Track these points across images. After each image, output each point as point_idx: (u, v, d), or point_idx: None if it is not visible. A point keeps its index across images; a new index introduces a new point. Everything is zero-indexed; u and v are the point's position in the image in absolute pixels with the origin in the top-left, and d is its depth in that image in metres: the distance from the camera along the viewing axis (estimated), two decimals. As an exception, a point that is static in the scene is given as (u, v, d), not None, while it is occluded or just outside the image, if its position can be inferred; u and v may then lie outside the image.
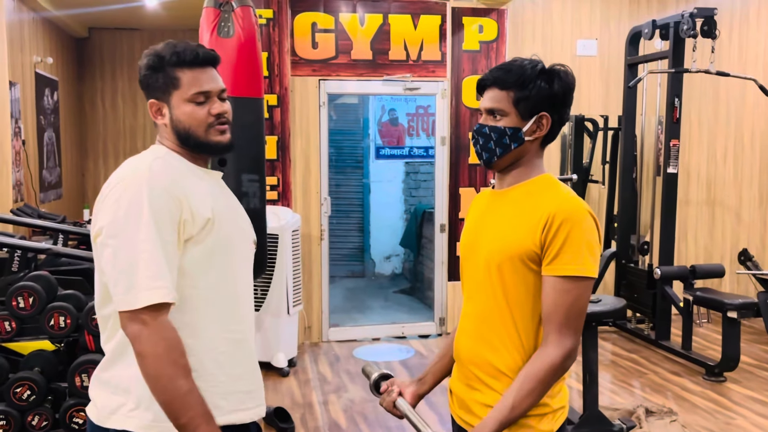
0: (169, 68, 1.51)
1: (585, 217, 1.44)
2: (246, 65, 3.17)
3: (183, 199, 1.44)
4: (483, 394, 1.52)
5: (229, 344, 1.53)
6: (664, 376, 4.42)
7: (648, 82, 5.24)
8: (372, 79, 5.11)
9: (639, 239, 5.29)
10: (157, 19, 6.30)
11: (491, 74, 1.52)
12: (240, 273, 1.58)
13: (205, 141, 1.53)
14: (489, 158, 1.53)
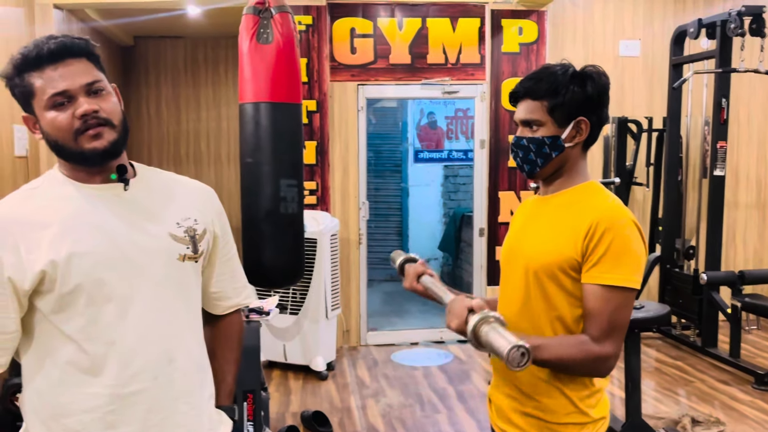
0: (21, 75, 1.29)
1: (629, 226, 1.40)
2: (285, 71, 3.19)
3: (5, 254, 1.23)
4: (520, 403, 1.50)
5: (119, 400, 1.28)
6: (711, 385, 4.29)
7: (694, 83, 5.11)
8: (410, 83, 5.11)
9: (684, 243, 5.16)
10: (199, 27, 6.42)
11: (522, 85, 1.50)
12: (131, 314, 1.29)
13: (77, 150, 1.28)
14: (531, 170, 1.51)
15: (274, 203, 3.17)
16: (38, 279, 1.23)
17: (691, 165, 5.37)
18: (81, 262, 1.25)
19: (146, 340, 1.31)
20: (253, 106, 3.17)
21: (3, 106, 4.06)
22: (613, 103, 5.40)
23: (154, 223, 1.35)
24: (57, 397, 1.27)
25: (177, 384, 1.35)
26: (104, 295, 1.27)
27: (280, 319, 4.56)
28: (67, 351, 1.26)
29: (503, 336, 1.20)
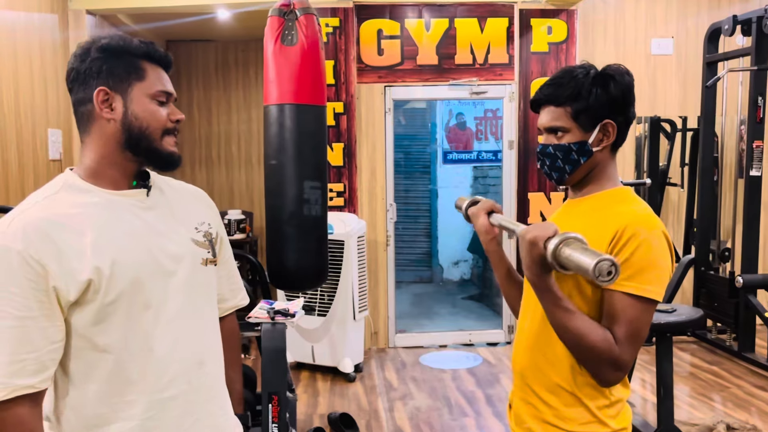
0: (133, 57, 1.30)
1: (657, 236, 1.36)
2: (309, 73, 3.19)
3: (49, 263, 1.19)
4: (537, 410, 1.47)
5: (156, 405, 1.30)
6: (747, 391, 4.18)
7: (729, 81, 4.99)
8: (438, 84, 5.09)
9: (719, 245, 5.04)
10: (229, 30, 6.49)
11: (543, 92, 1.46)
12: (164, 319, 1.30)
13: (158, 147, 1.31)
14: (560, 177, 1.48)
15: (297, 205, 3.17)
16: (84, 288, 1.21)
17: (726, 165, 5.25)
18: (123, 270, 1.24)
19: (180, 346, 1.32)
20: (277, 107, 3.18)
21: (38, 111, 4.15)
22: (645, 102, 5.34)
23: (176, 229, 1.36)
24: (94, 410, 1.26)
25: (207, 386, 1.38)
26: (142, 303, 1.27)
27: (308, 321, 4.57)
28: (104, 364, 1.25)
29: (590, 251, 1.19)
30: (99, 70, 1.27)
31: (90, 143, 1.30)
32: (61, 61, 4.55)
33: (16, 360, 1.17)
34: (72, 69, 1.30)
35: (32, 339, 1.18)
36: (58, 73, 4.49)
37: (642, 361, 4.64)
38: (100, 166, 1.29)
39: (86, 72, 1.28)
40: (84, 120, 1.30)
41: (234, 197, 6.92)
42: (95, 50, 1.28)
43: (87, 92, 1.28)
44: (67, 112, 4.64)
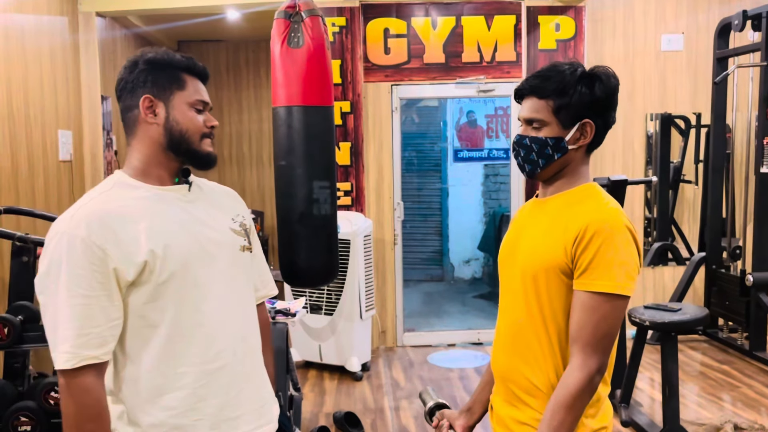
0: (175, 69, 1.47)
1: (620, 230, 1.35)
2: (316, 74, 3.21)
3: (108, 247, 1.33)
4: (520, 411, 1.47)
5: (206, 375, 1.44)
6: (758, 390, 4.13)
7: (739, 77, 4.93)
8: (445, 82, 5.08)
9: (730, 243, 4.98)
10: (239, 30, 6.52)
11: (528, 83, 1.45)
12: (212, 297, 1.45)
13: (197, 149, 1.48)
14: (532, 170, 1.47)
15: (307, 205, 3.20)
16: (140, 269, 1.35)
17: (737, 162, 5.19)
18: (174, 253, 1.38)
19: (225, 321, 1.47)
20: (285, 109, 3.21)
21: (49, 113, 4.21)
22: (655, 99, 5.30)
23: (216, 219, 1.52)
24: (150, 382, 1.40)
25: (249, 360, 1.53)
26: (191, 283, 1.41)
27: (315, 320, 4.59)
28: (158, 339, 1.39)
29: None
30: (145, 80, 1.44)
31: (136, 145, 1.46)
32: (71, 63, 4.61)
33: (82, 334, 1.31)
34: (121, 79, 1.47)
35: (95, 316, 1.32)
36: (68, 75, 4.55)
37: (651, 360, 4.60)
38: (146, 165, 1.45)
39: (134, 82, 1.45)
40: (131, 124, 1.46)
41: (245, 197, 6.96)
42: (142, 63, 1.45)
43: (134, 100, 1.44)
44: (76, 114, 4.69)
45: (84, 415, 1.32)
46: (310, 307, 4.60)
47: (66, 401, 1.32)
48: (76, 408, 1.32)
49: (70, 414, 1.32)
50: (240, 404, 1.49)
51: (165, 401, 1.40)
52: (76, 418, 1.32)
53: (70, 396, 1.32)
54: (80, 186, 4.68)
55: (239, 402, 1.49)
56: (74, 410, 1.32)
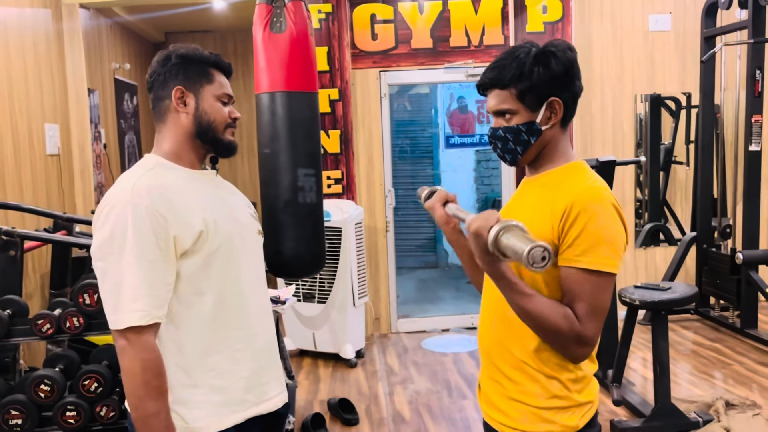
0: (204, 65, 1.59)
1: (606, 207, 1.35)
2: (299, 60, 3.18)
3: (169, 216, 1.45)
4: (504, 387, 1.47)
5: (243, 341, 1.58)
6: (749, 367, 4.16)
7: (727, 55, 4.92)
8: (433, 67, 5.06)
9: (721, 222, 5.00)
10: (226, 20, 6.48)
11: (487, 75, 1.45)
12: (244, 270, 1.60)
13: (221, 138, 1.60)
14: (513, 159, 1.48)
15: (292, 193, 3.17)
16: (197, 237, 1.47)
17: (727, 141, 5.19)
18: (221, 226, 1.53)
19: (255, 292, 1.63)
20: (268, 96, 3.18)
21: (34, 106, 4.18)
22: (644, 79, 5.29)
23: (239, 204, 1.67)
24: (195, 345, 1.52)
25: (271, 330, 1.68)
26: (232, 255, 1.55)
27: (308, 308, 4.60)
28: (204, 306, 1.51)
29: (526, 238, 1.18)
30: (177, 73, 1.57)
31: (165, 132, 1.59)
32: (56, 56, 4.58)
33: (152, 294, 1.43)
34: (154, 71, 1.60)
35: (158, 279, 1.44)
36: (53, 68, 4.52)
37: (643, 339, 4.62)
38: (179, 150, 1.58)
39: (166, 74, 1.57)
40: (161, 113, 1.59)
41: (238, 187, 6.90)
42: (175, 57, 1.58)
43: (166, 91, 1.57)
44: (63, 107, 4.66)
45: (151, 371, 1.42)
46: (303, 295, 4.60)
47: (131, 358, 1.41)
48: (143, 364, 1.41)
49: (137, 371, 1.41)
50: (269, 370, 1.64)
51: (207, 363, 1.52)
52: (144, 375, 1.41)
53: (137, 353, 1.41)
54: (69, 180, 4.66)
55: (268, 368, 1.64)
56: (141, 367, 1.40)
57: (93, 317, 2.67)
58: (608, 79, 5.26)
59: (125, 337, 1.41)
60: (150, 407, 1.42)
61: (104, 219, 1.45)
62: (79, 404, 2.58)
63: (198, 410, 1.52)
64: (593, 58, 5.23)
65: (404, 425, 3.57)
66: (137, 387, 1.41)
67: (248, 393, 1.58)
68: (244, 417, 1.57)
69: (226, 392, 1.54)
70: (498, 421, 1.49)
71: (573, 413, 1.42)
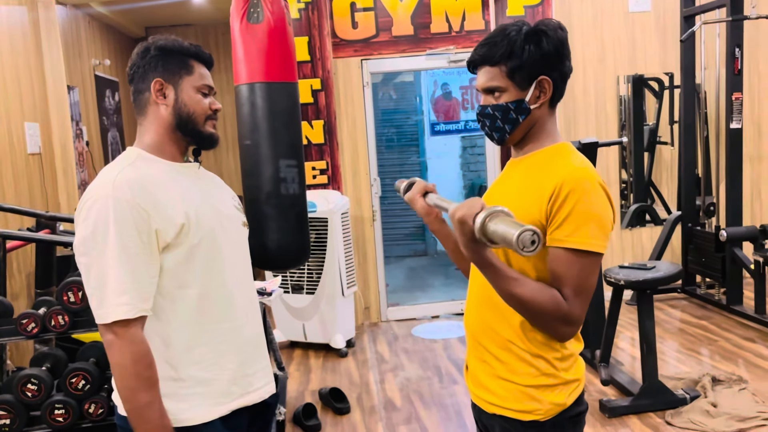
0: (184, 56, 1.58)
1: (593, 188, 1.36)
2: (278, 50, 3.17)
3: (151, 209, 1.45)
4: (491, 367, 1.48)
5: (228, 333, 1.58)
6: (736, 343, 4.21)
7: (707, 34, 4.94)
8: (415, 54, 5.05)
9: (705, 200, 5.03)
10: (205, 13, 6.44)
11: (477, 52, 1.45)
12: (228, 262, 1.59)
13: (202, 129, 1.59)
14: (501, 137, 1.48)
15: (274, 184, 3.17)
16: (179, 230, 1.47)
17: (710, 120, 5.22)
18: (203, 218, 1.53)
19: (240, 284, 1.62)
20: (247, 87, 3.17)
21: (14, 105, 4.13)
22: (625, 61, 5.30)
23: (223, 196, 1.67)
24: (180, 338, 1.51)
25: (257, 322, 1.68)
26: (216, 248, 1.55)
27: (297, 299, 4.60)
28: (188, 300, 1.51)
29: (514, 223, 1.17)
30: (156, 65, 1.56)
31: (147, 125, 1.58)
32: (33, 54, 4.53)
33: (137, 287, 1.43)
34: (134, 64, 1.58)
35: (142, 272, 1.44)
36: (31, 66, 4.47)
37: (631, 319, 4.66)
38: (160, 143, 1.57)
39: (145, 66, 1.56)
40: (142, 106, 1.58)
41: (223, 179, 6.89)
42: (154, 49, 1.57)
43: (145, 83, 1.56)
44: (43, 105, 4.62)
45: (141, 363, 1.42)
46: (291, 286, 4.60)
47: (121, 352, 1.41)
48: (133, 357, 1.41)
49: (127, 363, 1.41)
50: (255, 362, 1.64)
51: (192, 356, 1.52)
52: (135, 367, 1.41)
53: (125, 346, 1.41)
54: (51, 179, 4.63)
55: (254, 360, 1.64)
56: (131, 359, 1.41)
57: (78, 315, 2.66)
58: (590, 61, 5.27)
59: (112, 332, 1.41)
60: (143, 398, 1.42)
61: (86, 214, 1.45)
62: (67, 402, 2.57)
63: (183, 403, 1.52)
64: (574, 40, 5.23)
65: (395, 412, 3.59)
66: (129, 379, 1.41)
67: (234, 385, 1.58)
68: (230, 409, 1.57)
69: (211, 385, 1.54)
70: (486, 400, 1.50)
71: (560, 391, 1.43)
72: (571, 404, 1.45)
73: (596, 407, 3.39)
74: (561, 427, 1.44)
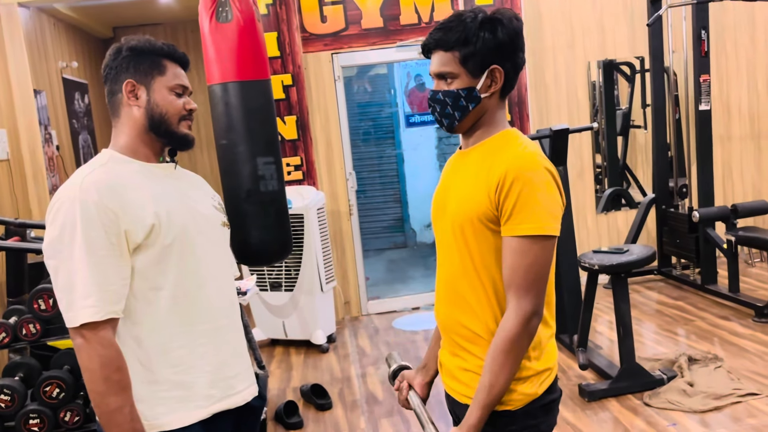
0: (156, 56, 1.56)
1: (538, 172, 1.36)
2: (248, 48, 3.15)
3: (119, 210, 1.44)
4: (463, 359, 1.49)
5: (206, 335, 1.56)
6: (711, 322, 4.26)
7: (673, 17, 4.98)
8: (386, 46, 5.03)
9: (677, 182, 5.09)
10: (174, 12, 6.36)
11: (432, 37, 1.44)
12: (204, 263, 1.57)
13: (175, 130, 1.58)
14: (450, 123, 1.47)
15: (253, 182, 3.17)
16: (148, 231, 1.46)
17: (681, 102, 5.26)
18: (176, 218, 1.51)
19: (219, 285, 1.61)
20: (221, 86, 3.16)
21: (-24, 112, 4.06)
22: (595, 46, 5.32)
23: (201, 196, 1.66)
24: (155, 341, 1.50)
25: (237, 324, 1.66)
26: (190, 247, 1.53)
27: (276, 297, 4.58)
28: (162, 301, 1.49)
29: None
30: (128, 66, 1.55)
31: (120, 126, 1.58)
32: (-3, 58, 4.45)
33: (105, 289, 1.41)
34: (106, 65, 1.58)
35: (112, 274, 1.42)
36: (-5, 71, 4.39)
37: (609, 303, 4.69)
38: (133, 144, 1.56)
39: (117, 68, 1.56)
40: (116, 107, 1.58)
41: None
42: (125, 50, 1.56)
43: (118, 84, 1.56)
44: (9, 111, 4.54)
45: (110, 367, 1.40)
46: (269, 284, 4.58)
47: (89, 355, 1.40)
48: (101, 360, 1.40)
49: (95, 367, 1.39)
50: (236, 364, 1.62)
51: (169, 359, 1.51)
52: (103, 370, 1.40)
53: (93, 350, 1.39)
54: (21, 184, 4.56)
55: (236, 361, 1.62)
56: (99, 363, 1.39)
57: (50, 322, 2.63)
58: (560, 47, 5.29)
59: (81, 335, 1.40)
60: (112, 403, 1.40)
61: (53, 216, 1.44)
62: (42, 411, 2.55)
63: (160, 406, 1.50)
64: (543, 27, 5.24)
65: (377, 405, 3.60)
66: (97, 383, 1.40)
67: (213, 388, 1.56)
68: (210, 412, 1.55)
69: (189, 387, 1.53)
70: (459, 392, 1.51)
71: (532, 382, 1.43)
72: (542, 393, 1.45)
73: (576, 391, 3.42)
74: (533, 416, 1.45)
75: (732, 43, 5.43)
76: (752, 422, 2.96)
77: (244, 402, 1.64)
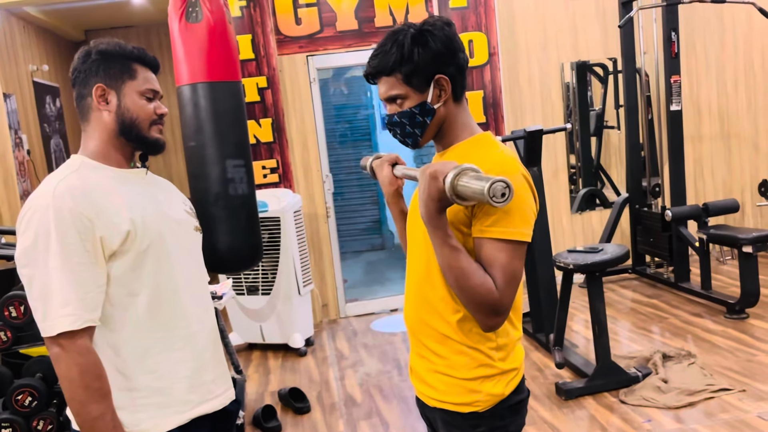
0: (126, 60, 1.54)
1: (514, 178, 1.36)
2: (219, 49, 3.12)
3: (94, 217, 1.42)
4: (431, 362, 1.49)
5: (182, 340, 1.55)
6: (684, 319, 4.33)
7: (644, 19, 5.05)
8: (361, 49, 5.03)
9: (650, 182, 5.16)
10: (146, 14, 6.30)
11: (371, 64, 1.45)
12: (179, 268, 1.57)
13: (146, 135, 1.56)
14: (414, 141, 1.49)
15: (222, 186, 3.12)
16: (124, 237, 1.44)
17: (653, 103, 5.34)
18: (150, 223, 1.50)
19: (193, 291, 1.60)
20: (190, 87, 3.11)
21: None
22: (567, 48, 5.38)
23: (173, 201, 1.64)
24: (132, 347, 1.49)
25: (213, 328, 1.65)
26: (165, 253, 1.52)
27: (253, 301, 4.55)
28: (138, 308, 1.48)
29: (485, 177, 1.21)
30: (97, 69, 1.53)
31: (90, 131, 1.55)
32: (-36, 61, 4.37)
33: (82, 298, 1.39)
34: (75, 68, 1.56)
35: (88, 281, 1.41)
36: (-37, 75, 4.31)
37: (584, 302, 4.74)
38: (104, 149, 1.54)
39: (86, 71, 1.53)
40: (85, 112, 1.55)
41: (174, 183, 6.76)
42: (95, 53, 1.54)
43: (87, 88, 1.54)
44: (-22, 115, 4.46)
45: (90, 375, 1.39)
46: (246, 288, 4.55)
47: (68, 364, 1.38)
48: (80, 369, 1.38)
49: (74, 376, 1.38)
50: (213, 368, 1.62)
51: (146, 365, 1.50)
52: (83, 379, 1.38)
53: (72, 359, 1.38)
54: (-9, 190, 4.48)
55: (213, 366, 1.62)
56: (78, 372, 1.38)
57: (22, 330, 2.59)
58: (533, 49, 5.33)
59: (58, 344, 1.38)
60: (93, 410, 1.39)
61: (26, 224, 1.41)
62: (13, 420, 2.50)
63: (140, 413, 1.49)
64: (517, 29, 5.29)
65: (356, 408, 3.59)
66: (77, 392, 1.38)
67: (191, 393, 1.56)
68: (188, 417, 1.55)
69: (167, 393, 1.52)
70: (427, 395, 1.51)
71: (498, 381, 1.44)
72: (509, 393, 1.46)
73: (552, 390, 3.45)
74: (500, 417, 1.45)
75: (702, 45, 5.53)
76: (725, 417, 3.01)
77: (221, 406, 1.63)
